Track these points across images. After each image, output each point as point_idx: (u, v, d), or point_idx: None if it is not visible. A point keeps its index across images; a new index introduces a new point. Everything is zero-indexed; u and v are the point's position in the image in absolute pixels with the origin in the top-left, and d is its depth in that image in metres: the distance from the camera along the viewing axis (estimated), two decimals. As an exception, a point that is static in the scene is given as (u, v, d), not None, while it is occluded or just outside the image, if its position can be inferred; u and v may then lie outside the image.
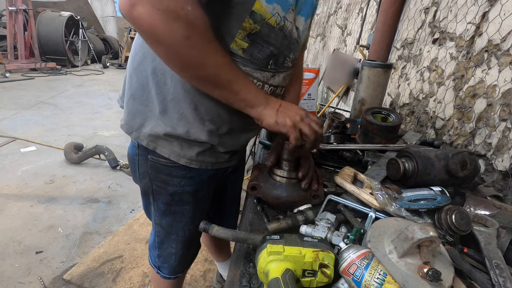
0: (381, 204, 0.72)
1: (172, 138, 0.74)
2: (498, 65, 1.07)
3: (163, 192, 0.84)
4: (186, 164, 0.78)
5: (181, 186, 0.83)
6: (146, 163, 0.81)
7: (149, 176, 0.83)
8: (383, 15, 1.85)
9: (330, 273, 0.53)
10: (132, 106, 0.75)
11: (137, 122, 0.75)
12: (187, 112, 0.71)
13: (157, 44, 0.57)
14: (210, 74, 0.62)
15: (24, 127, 3.68)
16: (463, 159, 0.80)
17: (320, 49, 4.19)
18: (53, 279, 1.68)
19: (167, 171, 0.80)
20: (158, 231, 0.94)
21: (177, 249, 0.96)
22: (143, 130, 0.75)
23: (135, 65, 0.74)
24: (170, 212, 0.88)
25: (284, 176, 0.78)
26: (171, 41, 0.54)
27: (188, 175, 0.81)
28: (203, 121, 0.72)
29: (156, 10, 0.50)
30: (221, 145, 0.79)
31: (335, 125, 1.22)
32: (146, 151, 0.79)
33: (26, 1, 6.31)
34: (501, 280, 0.56)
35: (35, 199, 2.35)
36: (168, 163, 0.78)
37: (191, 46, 0.56)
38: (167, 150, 0.76)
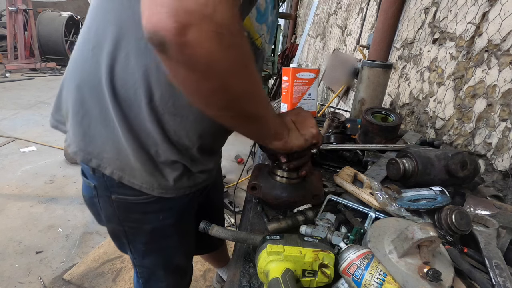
0: (381, 204, 0.72)
1: (140, 162, 0.62)
2: (498, 65, 1.07)
3: (139, 232, 0.74)
4: (161, 195, 0.67)
5: (160, 220, 0.73)
6: (110, 204, 0.69)
7: (117, 219, 0.71)
8: (383, 15, 1.85)
9: (330, 273, 0.53)
10: (89, 127, 0.61)
11: (97, 146, 0.62)
12: (154, 132, 0.60)
13: (210, 79, 0.41)
14: (255, 107, 0.51)
15: (24, 127, 3.68)
16: (463, 159, 0.80)
17: (320, 49, 4.19)
18: (53, 279, 1.68)
19: (140, 209, 0.69)
20: (141, 272, 0.84)
21: (168, 281, 0.87)
22: (106, 155, 0.62)
23: (85, 76, 0.60)
24: (152, 251, 0.79)
25: (284, 176, 0.77)
26: (230, 72, 0.41)
27: (166, 207, 0.71)
28: (171, 142, 0.63)
29: (216, 34, 0.37)
30: (194, 166, 0.69)
31: (335, 125, 1.22)
32: (107, 191, 0.67)
33: (26, 1, 6.31)
34: (501, 280, 0.56)
35: (35, 199, 2.35)
36: (139, 199, 0.67)
37: (248, 75, 0.45)
38: (137, 180, 0.64)
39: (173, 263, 0.84)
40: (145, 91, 0.57)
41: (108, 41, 0.56)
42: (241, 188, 2.58)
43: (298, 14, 6.01)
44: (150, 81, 0.57)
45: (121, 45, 0.55)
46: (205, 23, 0.35)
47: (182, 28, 0.34)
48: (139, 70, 0.56)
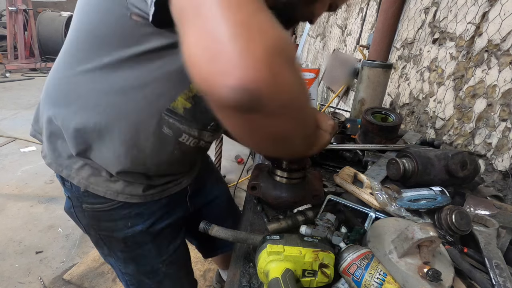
0: (381, 204, 0.72)
1: (102, 175, 0.66)
2: (498, 65, 1.07)
3: (114, 240, 0.75)
4: (126, 200, 0.68)
5: (129, 227, 0.72)
6: (83, 214, 0.72)
7: (92, 228, 0.74)
8: (383, 15, 1.85)
9: (330, 273, 0.53)
10: (55, 142, 0.66)
11: (62, 158, 0.66)
12: (109, 158, 0.63)
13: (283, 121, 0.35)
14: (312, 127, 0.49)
15: (24, 127, 3.68)
16: (463, 159, 0.80)
17: (320, 49, 4.19)
18: (53, 279, 1.68)
19: (108, 216, 0.70)
20: (129, 280, 0.83)
21: (160, 285, 0.85)
22: (72, 167, 0.66)
23: (48, 100, 0.64)
24: (131, 259, 0.78)
25: (284, 176, 0.77)
26: (300, 103, 0.36)
27: (133, 212, 0.71)
28: (124, 171, 0.64)
29: (290, 62, 0.31)
30: (157, 181, 0.71)
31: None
32: (79, 201, 0.70)
33: (26, 1, 6.31)
34: (501, 280, 0.56)
35: (35, 199, 2.35)
36: (107, 206, 0.69)
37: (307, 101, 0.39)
38: (101, 188, 0.66)
39: (158, 272, 0.82)
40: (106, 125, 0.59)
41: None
42: (241, 188, 2.58)
43: (298, 14, 6.00)
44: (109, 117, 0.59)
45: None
46: (281, 56, 0.30)
47: (274, 73, 0.29)
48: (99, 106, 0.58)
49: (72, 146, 0.63)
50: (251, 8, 0.29)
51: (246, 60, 0.27)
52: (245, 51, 0.27)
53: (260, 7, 0.30)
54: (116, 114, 0.59)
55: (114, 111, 0.59)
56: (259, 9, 0.30)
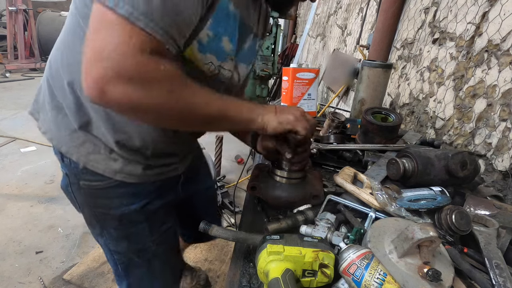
0: (381, 204, 0.72)
1: (102, 153, 0.68)
2: (498, 65, 1.07)
3: (108, 217, 0.77)
4: (124, 179, 0.71)
5: (125, 206, 0.76)
6: (80, 191, 0.74)
7: (88, 205, 0.76)
8: (383, 15, 1.85)
9: (330, 273, 0.53)
10: (56, 118, 0.68)
11: (64, 134, 0.68)
12: (106, 132, 0.66)
13: (144, 114, 0.53)
14: (203, 116, 0.58)
15: (24, 127, 3.68)
16: (463, 159, 0.80)
17: (320, 49, 4.19)
18: (53, 279, 1.68)
19: (105, 194, 0.73)
20: (118, 259, 0.85)
21: (148, 268, 0.88)
22: (72, 143, 0.68)
23: (53, 73, 0.68)
24: (125, 236, 0.81)
25: (284, 176, 0.78)
26: (157, 106, 0.51)
27: (129, 192, 0.74)
28: (121, 144, 0.68)
29: (131, 84, 0.46)
30: (153, 161, 0.74)
31: (335, 125, 1.22)
32: (77, 178, 0.72)
33: (26, 1, 6.31)
34: (501, 280, 0.56)
35: (35, 199, 2.35)
36: (104, 184, 0.71)
37: (176, 100, 0.52)
38: (101, 165, 0.69)
39: (148, 251, 0.85)
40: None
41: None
42: (241, 188, 2.58)
43: (298, 14, 6.02)
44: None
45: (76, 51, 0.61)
46: (118, 80, 0.45)
47: (101, 91, 0.45)
48: None
49: (74, 119, 0.66)
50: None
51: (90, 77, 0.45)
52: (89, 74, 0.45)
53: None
54: None
55: None
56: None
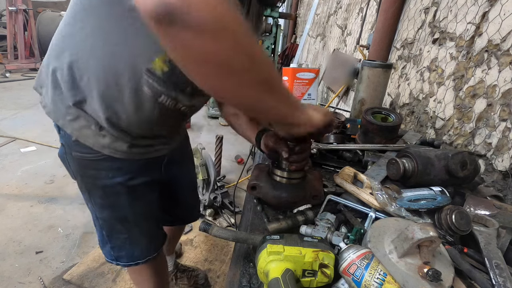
0: (381, 204, 0.72)
1: (92, 129, 0.74)
2: (498, 65, 1.07)
3: (95, 187, 0.85)
4: (111, 154, 0.78)
5: (109, 178, 0.82)
6: (73, 161, 0.81)
7: (79, 174, 0.84)
8: (383, 15, 1.85)
9: (330, 273, 0.53)
10: (54, 94, 0.74)
11: (60, 109, 0.74)
12: (99, 110, 0.71)
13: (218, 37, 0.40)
14: (268, 70, 0.48)
15: (24, 127, 3.68)
16: (463, 159, 0.80)
17: (320, 49, 4.19)
18: (53, 279, 1.68)
19: (93, 165, 0.80)
20: (102, 225, 0.94)
21: (129, 234, 0.95)
22: (67, 118, 0.74)
23: (53, 54, 0.72)
24: (108, 205, 0.88)
25: (284, 176, 0.77)
26: (239, 30, 0.41)
27: (115, 166, 0.81)
28: (112, 123, 0.73)
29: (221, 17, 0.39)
30: (139, 141, 0.80)
31: (335, 125, 1.22)
32: (70, 149, 0.79)
33: (26, 1, 6.31)
34: (501, 280, 0.56)
35: (35, 199, 2.35)
36: (93, 156, 0.78)
37: (252, 42, 0.44)
38: (91, 139, 0.75)
39: (129, 220, 0.93)
40: (94, 76, 0.67)
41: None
42: (241, 188, 2.58)
43: (298, 14, 6.01)
44: (99, 71, 0.67)
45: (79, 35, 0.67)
46: (207, 4, 0.37)
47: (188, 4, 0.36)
48: (93, 60, 0.66)
49: (69, 96, 0.70)
50: None
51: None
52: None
53: None
54: (103, 70, 0.66)
55: (102, 67, 0.66)
56: None
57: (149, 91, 0.69)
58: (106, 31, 0.64)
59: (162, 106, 0.73)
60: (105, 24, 0.63)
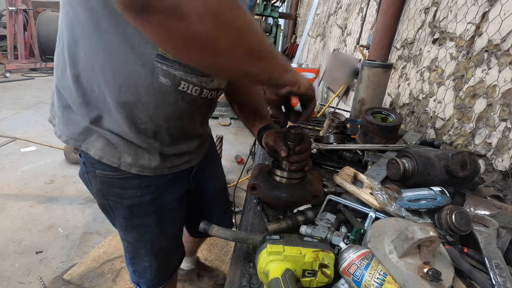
0: (381, 204, 0.72)
1: (117, 146, 0.70)
2: (498, 65, 1.07)
3: (120, 206, 0.79)
4: (138, 172, 0.73)
5: (137, 197, 0.78)
6: (95, 179, 0.76)
7: (102, 193, 0.78)
8: (383, 15, 1.85)
9: (330, 273, 0.53)
10: (67, 118, 0.70)
11: (77, 133, 0.70)
12: (120, 120, 0.66)
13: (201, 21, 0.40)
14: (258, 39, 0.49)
15: (24, 127, 3.68)
16: (463, 159, 0.80)
17: (320, 49, 4.19)
18: (53, 279, 1.68)
19: (120, 184, 0.75)
20: (126, 247, 0.89)
21: (151, 262, 0.90)
22: (88, 139, 0.70)
23: (58, 74, 0.69)
24: (133, 226, 0.83)
25: (284, 176, 0.77)
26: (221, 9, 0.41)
27: (143, 184, 0.76)
28: (138, 129, 0.68)
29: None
30: (170, 150, 0.75)
31: (335, 125, 1.22)
32: (93, 167, 0.74)
33: (26, 1, 6.31)
34: (501, 280, 0.56)
35: (35, 199, 2.35)
36: (119, 175, 0.73)
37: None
38: (115, 159, 0.71)
39: (153, 243, 0.87)
40: (105, 83, 0.63)
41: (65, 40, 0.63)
42: (241, 188, 2.58)
43: (298, 14, 6.01)
44: (108, 75, 0.62)
45: (78, 44, 0.61)
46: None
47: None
48: (97, 66, 0.62)
49: (83, 115, 0.66)
50: None
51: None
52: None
53: None
54: (112, 72, 0.61)
55: (108, 69, 0.61)
56: None
57: (166, 80, 0.64)
58: (102, 30, 0.59)
59: (186, 95, 0.68)
60: (100, 24, 0.58)
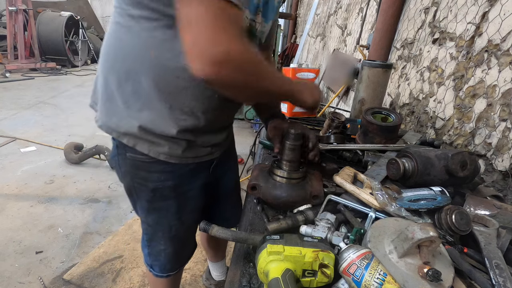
0: (381, 204, 0.72)
1: (150, 136, 0.76)
2: (498, 65, 1.07)
3: (144, 189, 0.85)
4: (165, 159, 0.79)
5: (161, 181, 0.84)
6: (125, 161, 0.82)
7: (129, 175, 0.85)
8: (383, 15, 1.85)
9: (330, 273, 0.53)
10: (110, 107, 0.76)
11: (114, 122, 0.76)
12: (163, 111, 0.73)
13: (237, 92, 0.64)
14: (273, 89, 0.70)
15: (24, 127, 3.68)
16: (463, 159, 0.80)
17: (320, 49, 4.19)
18: (53, 279, 1.68)
19: (146, 167, 0.81)
20: (145, 229, 0.96)
21: (166, 246, 0.96)
22: (121, 129, 0.76)
23: (107, 66, 0.75)
24: (154, 209, 0.89)
25: (284, 176, 0.78)
26: (249, 84, 0.62)
27: (167, 169, 0.82)
28: (178, 120, 0.74)
29: (236, 67, 0.56)
30: (199, 140, 0.81)
31: (335, 125, 1.22)
32: (124, 150, 0.80)
33: (26, 1, 6.32)
34: (501, 280, 0.56)
35: (35, 199, 2.35)
36: (146, 159, 0.79)
37: (260, 80, 0.64)
38: (146, 146, 0.77)
39: (171, 227, 0.93)
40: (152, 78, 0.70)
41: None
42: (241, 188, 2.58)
43: (298, 14, 6.01)
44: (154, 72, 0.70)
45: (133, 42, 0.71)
46: (228, 64, 0.54)
47: (215, 73, 0.53)
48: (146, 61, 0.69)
49: (135, 116, 0.73)
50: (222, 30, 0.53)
51: (203, 59, 0.53)
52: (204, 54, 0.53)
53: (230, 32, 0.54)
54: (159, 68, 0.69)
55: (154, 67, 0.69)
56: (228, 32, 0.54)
57: None
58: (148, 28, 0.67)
59: None
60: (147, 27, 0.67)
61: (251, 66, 0.60)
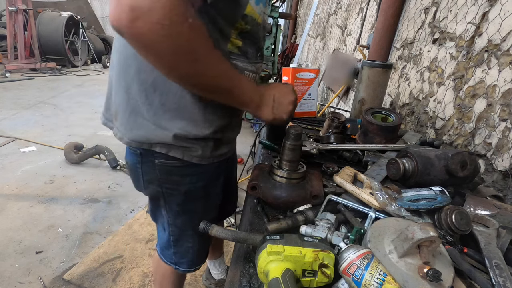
0: (381, 204, 0.72)
1: (183, 142, 0.75)
2: (498, 65, 1.07)
3: (176, 193, 0.85)
4: (198, 162, 0.80)
5: (193, 183, 0.84)
6: (153, 168, 0.81)
7: (158, 181, 0.83)
8: (383, 15, 1.85)
9: (330, 273, 0.53)
10: (135, 120, 0.75)
11: (142, 134, 0.75)
12: (196, 115, 0.73)
13: (158, 59, 0.56)
14: (211, 83, 0.64)
15: (24, 127, 3.68)
16: (463, 159, 0.80)
17: (320, 49, 4.19)
18: (53, 279, 1.68)
19: (179, 172, 0.81)
20: (172, 231, 0.95)
21: (194, 243, 0.98)
22: (153, 141, 0.75)
23: (129, 78, 0.73)
24: (184, 211, 0.90)
25: (284, 176, 0.78)
26: (174, 56, 0.53)
27: (199, 171, 0.83)
28: (211, 122, 0.75)
29: (159, 25, 0.48)
30: (224, 139, 0.83)
31: (335, 125, 1.22)
32: (152, 157, 0.79)
33: (26, 1, 6.32)
34: (501, 280, 0.56)
35: (35, 199, 2.35)
36: (179, 163, 0.79)
37: (194, 60, 0.56)
38: (179, 151, 0.77)
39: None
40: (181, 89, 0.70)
41: None
42: (241, 188, 2.57)
43: (298, 14, 6.01)
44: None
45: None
46: (149, 16, 0.47)
47: (130, 21, 0.47)
48: None
49: (168, 124, 0.72)
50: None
51: (122, 6, 0.47)
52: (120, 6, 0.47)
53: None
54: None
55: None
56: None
57: None
58: None
59: None
60: None
61: (185, 34, 0.52)
